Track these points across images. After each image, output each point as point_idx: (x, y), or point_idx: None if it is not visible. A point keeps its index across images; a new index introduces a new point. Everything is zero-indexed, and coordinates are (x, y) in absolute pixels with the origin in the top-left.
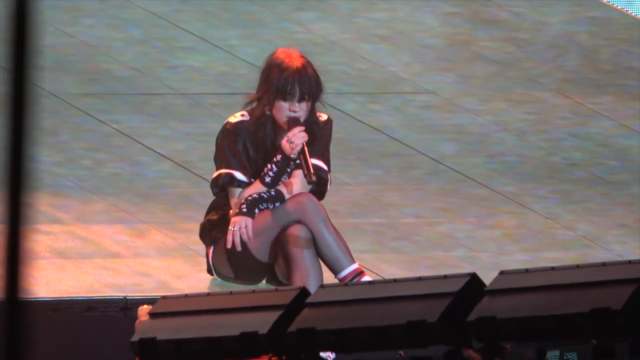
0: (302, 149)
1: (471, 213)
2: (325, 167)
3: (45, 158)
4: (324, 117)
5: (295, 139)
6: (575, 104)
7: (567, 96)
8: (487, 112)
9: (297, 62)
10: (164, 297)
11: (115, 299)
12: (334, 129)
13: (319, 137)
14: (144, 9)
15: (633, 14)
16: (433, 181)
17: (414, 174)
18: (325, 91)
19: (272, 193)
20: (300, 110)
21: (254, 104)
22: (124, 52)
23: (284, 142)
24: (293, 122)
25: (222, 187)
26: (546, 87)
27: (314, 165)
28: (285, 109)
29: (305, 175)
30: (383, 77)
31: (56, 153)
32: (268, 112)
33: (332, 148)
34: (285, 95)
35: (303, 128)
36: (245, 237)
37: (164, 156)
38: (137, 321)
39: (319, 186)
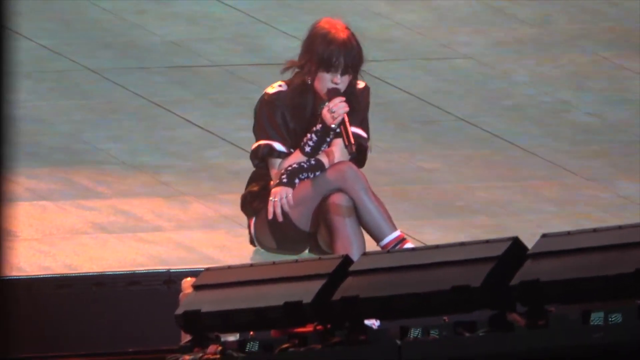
0: (343, 119)
1: (512, 177)
2: (365, 135)
3: (86, 134)
4: (361, 84)
5: (337, 109)
6: (614, 65)
7: (605, 58)
8: (526, 76)
9: (342, 34)
10: (207, 269)
11: (158, 272)
12: (372, 96)
13: (358, 105)
14: None
15: None
16: (472, 147)
17: (454, 139)
18: (366, 61)
19: (312, 162)
20: (342, 82)
21: (293, 71)
22: (159, 25)
23: (325, 112)
24: (333, 93)
25: (261, 159)
26: (584, 48)
27: (354, 134)
28: (327, 80)
29: (346, 146)
30: (421, 43)
31: (96, 128)
32: (309, 81)
33: (371, 115)
34: (329, 67)
35: (344, 98)
36: (286, 208)
37: (202, 128)
38: (181, 294)
39: (359, 154)
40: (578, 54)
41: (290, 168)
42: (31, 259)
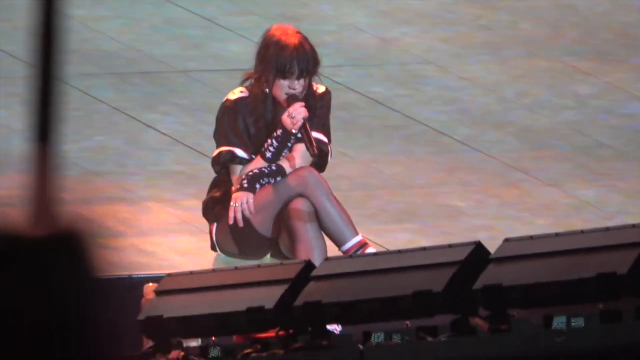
0: (303, 124)
1: (474, 182)
2: (326, 140)
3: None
4: (321, 89)
5: (296, 114)
6: (576, 71)
7: (568, 64)
8: (485, 80)
9: (294, 40)
10: (169, 275)
11: (120, 277)
12: (333, 100)
13: (318, 109)
14: None
15: None
16: (434, 151)
17: (415, 144)
18: (321, 64)
19: (273, 168)
20: (299, 86)
21: (252, 81)
22: (123, 31)
23: (285, 118)
24: (292, 99)
25: (223, 165)
26: (548, 55)
27: (315, 139)
28: (284, 87)
29: (307, 149)
30: (382, 47)
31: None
32: (267, 90)
33: (332, 120)
34: (284, 74)
35: (303, 103)
36: (247, 213)
37: (164, 134)
38: (143, 299)
39: (320, 158)
40: (537, 58)
41: (251, 173)
42: None
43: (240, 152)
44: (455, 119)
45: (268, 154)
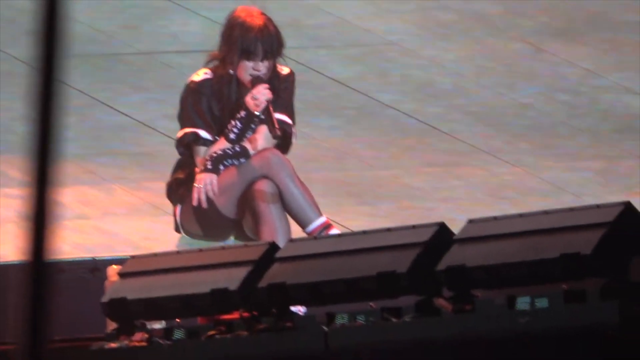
0: (267, 106)
1: (438, 163)
2: (290, 121)
3: (6, 121)
4: (285, 70)
5: (260, 96)
6: (539, 52)
7: (533, 45)
8: (451, 62)
9: (258, 21)
10: (133, 257)
11: (84, 260)
12: (297, 82)
13: (282, 91)
14: None
15: None
16: (398, 133)
17: (380, 126)
18: (286, 46)
19: (237, 149)
20: (263, 68)
21: (216, 62)
22: (85, 12)
23: (249, 99)
24: (257, 81)
25: (187, 146)
26: (512, 36)
27: (278, 120)
28: (249, 68)
29: (270, 131)
30: (346, 29)
31: (19, 114)
32: (232, 72)
33: (297, 102)
34: (249, 55)
35: (267, 85)
36: (210, 194)
37: (127, 115)
38: (107, 281)
39: (283, 140)
40: (504, 40)
41: (214, 155)
42: None
43: (204, 134)
44: (419, 99)
45: (232, 135)
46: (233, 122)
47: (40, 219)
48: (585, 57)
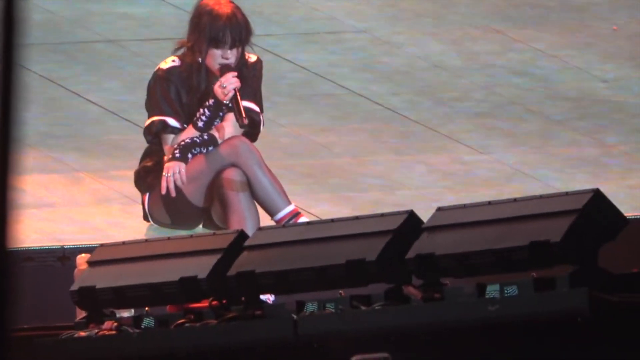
0: (235, 94)
1: (406, 151)
2: (257, 109)
3: None
4: (253, 58)
5: (228, 84)
6: (508, 39)
7: (499, 31)
8: (420, 50)
9: (226, 9)
10: (101, 245)
11: (52, 248)
12: (265, 70)
13: (250, 78)
14: None
15: None
16: (366, 120)
17: (348, 113)
18: (254, 34)
19: (205, 137)
20: (231, 56)
21: (184, 50)
22: (50, 1)
23: (217, 88)
24: (225, 69)
25: (155, 134)
26: (479, 22)
27: (246, 108)
28: (217, 56)
29: (237, 120)
30: (314, 16)
31: None
32: (200, 60)
33: (264, 90)
34: (217, 43)
35: (235, 73)
36: (179, 182)
37: (95, 104)
38: (76, 270)
39: (251, 128)
40: (472, 27)
41: (183, 143)
42: None
43: (172, 122)
44: (385, 86)
45: (200, 123)
46: (201, 110)
47: (1, 208)
48: (555, 44)
